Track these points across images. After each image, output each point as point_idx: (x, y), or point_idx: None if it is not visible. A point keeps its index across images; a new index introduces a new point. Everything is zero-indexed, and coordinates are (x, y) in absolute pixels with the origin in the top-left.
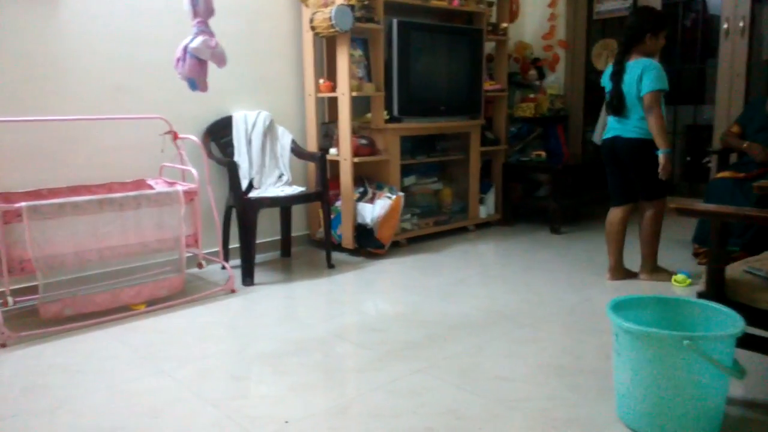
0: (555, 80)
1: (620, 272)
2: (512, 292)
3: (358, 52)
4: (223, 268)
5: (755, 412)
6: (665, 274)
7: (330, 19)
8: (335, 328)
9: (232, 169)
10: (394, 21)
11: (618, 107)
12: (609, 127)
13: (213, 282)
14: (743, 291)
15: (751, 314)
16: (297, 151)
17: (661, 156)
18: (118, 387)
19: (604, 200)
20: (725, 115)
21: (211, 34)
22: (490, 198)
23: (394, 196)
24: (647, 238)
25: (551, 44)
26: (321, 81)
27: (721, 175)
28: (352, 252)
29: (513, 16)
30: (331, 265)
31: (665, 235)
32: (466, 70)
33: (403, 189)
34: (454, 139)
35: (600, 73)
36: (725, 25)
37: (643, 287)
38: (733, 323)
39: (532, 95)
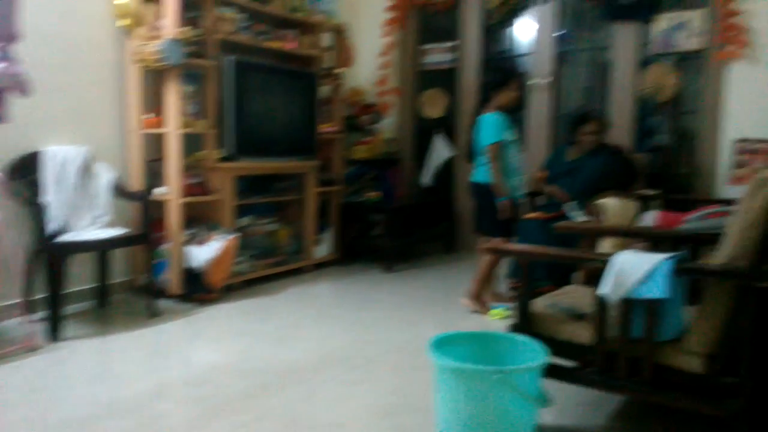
0: (388, 125)
1: (476, 299)
2: (346, 333)
3: (190, 88)
4: (26, 322)
5: None
6: (484, 308)
7: (159, 52)
8: (157, 384)
9: (38, 211)
10: (231, 59)
11: (470, 155)
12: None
13: (12, 339)
14: (547, 324)
15: (554, 345)
16: (119, 190)
17: (500, 203)
18: None
19: (433, 239)
20: (534, 161)
21: (12, 61)
22: (327, 238)
23: (227, 238)
24: (477, 270)
25: (384, 90)
26: (148, 116)
27: (530, 215)
28: (181, 298)
29: (347, 61)
30: (155, 314)
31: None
32: (302, 112)
33: (238, 230)
34: (291, 179)
35: (427, 120)
36: (533, 81)
37: (468, 323)
38: (538, 355)
39: (367, 138)
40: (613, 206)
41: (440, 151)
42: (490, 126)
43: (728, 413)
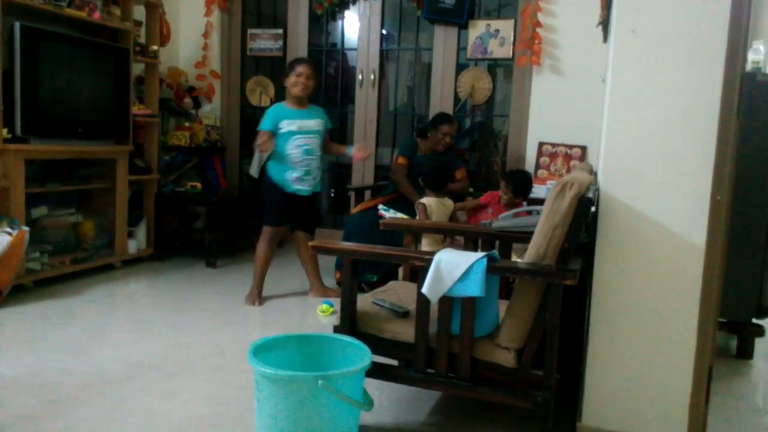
0: (211, 111)
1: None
2: (161, 337)
3: None
4: None
5: None
6: (334, 292)
7: None
8: None
9: None
10: (16, 24)
11: None
12: None
13: None
14: (371, 322)
15: (378, 344)
16: None
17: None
18: None
19: (260, 232)
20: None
21: None
22: (141, 231)
23: (15, 231)
24: (309, 263)
25: (204, 73)
26: None
27: (357, 209)
28: None
29: (164, 39)
30: None
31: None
32: (110, 91)
33: (30, 222)
34: (98, 165)
35: (254, 107)
36: (360, 77)
37: (294, 321)
38: (363, 356)
39: (187, 124)
40: (432, 204)
41: None
42: (265, 115)
43: (535, 405)
